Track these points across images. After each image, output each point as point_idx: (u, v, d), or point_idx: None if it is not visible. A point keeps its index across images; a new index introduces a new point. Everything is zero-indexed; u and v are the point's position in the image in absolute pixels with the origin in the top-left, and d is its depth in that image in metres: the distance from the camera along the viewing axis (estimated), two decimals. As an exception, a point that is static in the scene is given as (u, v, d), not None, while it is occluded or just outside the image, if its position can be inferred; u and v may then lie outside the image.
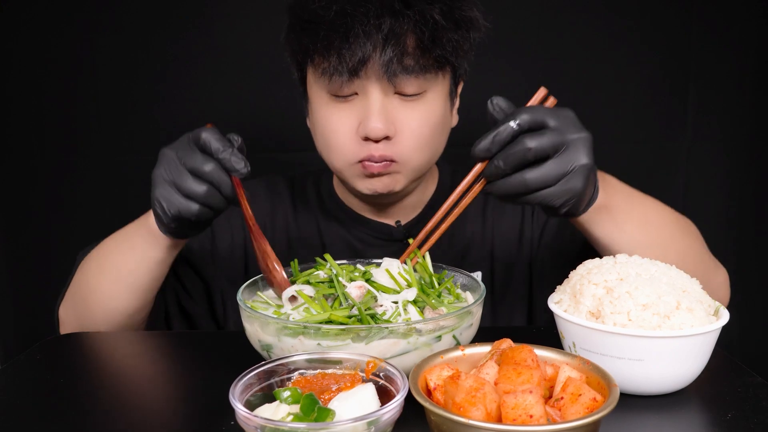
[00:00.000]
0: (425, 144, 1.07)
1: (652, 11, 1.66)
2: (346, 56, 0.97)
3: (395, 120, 1.03)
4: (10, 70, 1.65)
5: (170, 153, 0.91)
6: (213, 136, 0.89)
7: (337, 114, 1.05)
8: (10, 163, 1.70)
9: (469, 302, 0.85)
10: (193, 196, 0.89)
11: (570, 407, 0.57)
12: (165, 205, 0.90)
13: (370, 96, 1.02)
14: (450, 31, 1.01)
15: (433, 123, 1.06)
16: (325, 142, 1.08)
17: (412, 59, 1.00)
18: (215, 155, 0.88)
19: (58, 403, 0.75)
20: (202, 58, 1.64)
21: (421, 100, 1.05)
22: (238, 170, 0.88)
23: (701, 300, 0.74)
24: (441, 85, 1.07)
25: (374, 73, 1.00)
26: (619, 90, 1.70)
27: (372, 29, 0.97)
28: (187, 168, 0.89)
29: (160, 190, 0.90)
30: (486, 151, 0.83)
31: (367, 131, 1.01)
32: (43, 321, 1.78)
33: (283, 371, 0.66)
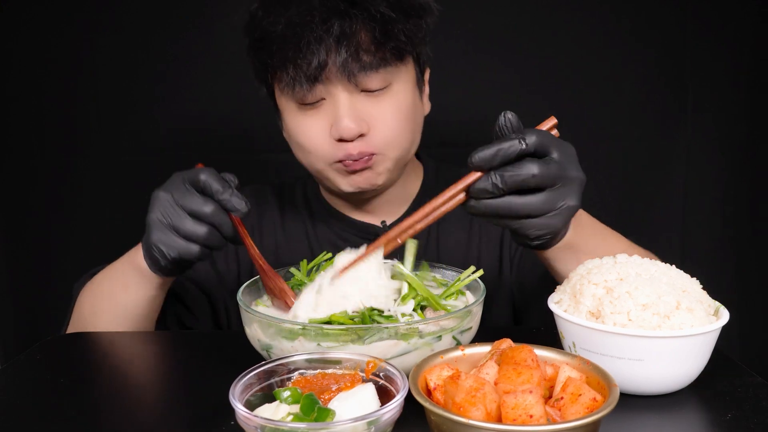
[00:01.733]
0: (400, 135, 1.07)
1: (647, 10, 1.66)
2: (302, 65, 0.99)
3: (366, 117, 1.04)
4: (10, 70, 1.65)
5: (165, 196, 0.90)
6: (212, 177, 0.89)
7: (307, 121, 1.06)
8: (10, 163, 1.70)
9: (469, 302, 0.85)
10: (194, 239, 0.89)
11: (570, 407, 0.57)
12: (164, 249, 0.91)
13: (337, 98, 1.03)
14: (400, 22, 1.01)
15: (404, 113, 1.07)
16: (301, 149, 1.09)
17: (369, 55, 1.00)
18: (215, 196, 0.88)
19: (58, 403, 0.75)
20: (202, 58, 1.64)
21: (387, 94, 1.05)
22: (239, 210, 0.88)
23: (701, 300, 0.74)
24: (405, 74, 1.08)
25: (334, 75, 1.00)
26: (616, 89, 1.70)
27: (322, 34, 0.98)
28: (186, 210, 0.89)
29: (158, 234, 0.90)
30: (486, 162, 0.78)
31: (340, 132, 1.02)
32: (43, 321, 1.79)
33: (283, 371, 0.66)
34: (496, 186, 0.78)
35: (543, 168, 0.78)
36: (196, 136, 1.69)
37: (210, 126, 1.69)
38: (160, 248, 0.91)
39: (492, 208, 0.80)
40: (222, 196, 0.88)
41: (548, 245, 0.89)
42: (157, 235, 0.90)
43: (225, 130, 1.69)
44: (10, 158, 1.70)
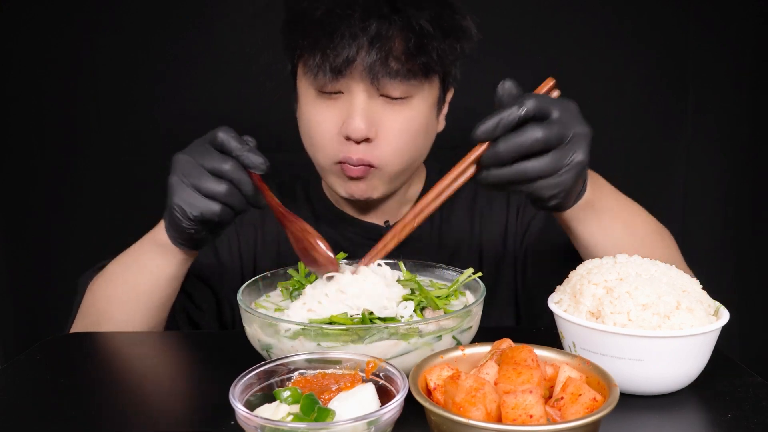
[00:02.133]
0: (404, 149, 1.06)
1: (649, 11, 1.66)
2: (330, 56, 0.98)
3: (377, 122, 1.03)
4: (10, 70, 1.65)
5: (184, 157, 0.90)
6: (230, 135, 0.89)
7: (321, 110, 1.05)
8: (10, 163, 1.70)
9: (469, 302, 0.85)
10: (214, 196, 0.88)
11: (570, 407, 0.57)
12: (186, 209, 0.89)
13: (354, 96, 1.02)
14: (437, 40, 1.01)
15: (415, 128, 1.06)
16: (308, 138, 1.09)
17: (398, 63, 1.00)
18: (233, 153, 0.88)
19: (58, 403, 0.75)
20: (202, 58, 1.64)
21: (406, 105, 1.05)
22: (257, 165, 0.87)
23: (701, 300, 0.74)
24: (428, 91, 1.07)
25: (359, 74, 1.00)
26: (618, 89, 1.70)
27: (358, 31, 0.97)
28: (206, 168, 0.88)
29: (180, 194, 0.89)
30: (489, 133, 0.80)
31: (349, 131, 1.02)
32: (43, 321, 1.79)
33: (283, 371, 0.66)
34: (502, 155, 0.79)
35: (545, 130, 0.79)
36: (196, 136, 1.68)
37: (210, 126, 1.68)
38: (182, 207, 0.89)
39: (503, 176, 0.81)
40: (239, 152, 0.88)
41: (565, 204, 0.89)
42: (179, 194, 0.89)
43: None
44: (10, 158, 1.70)
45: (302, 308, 0.77)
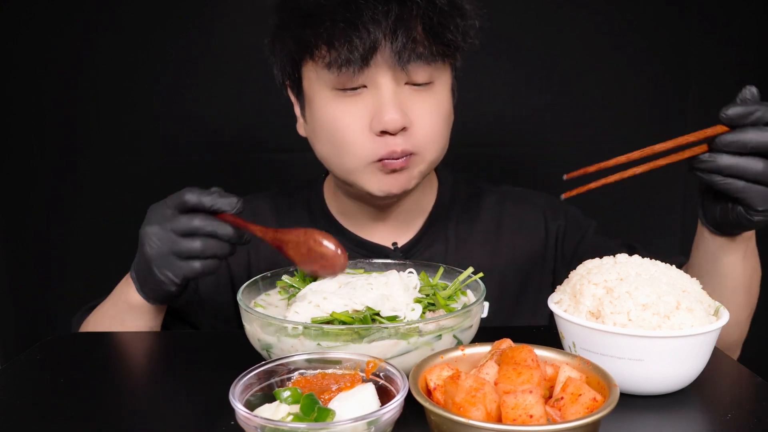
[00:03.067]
0: (439, 134, 1.04)
1: (652, 9, 1.66)
2: (356, 43, 0.93)
3: (408, 110, 0.99)
4: (10, 70, 1.65)
5: (152, 229, 0.92)
6: (197, 194, 0.89)
7: (346, 108, 1.00)
8: (10, 163, 1.70)
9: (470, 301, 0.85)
10: (193, 255, 0.90)
11: (570, 407, 0.57)
12: (171, 276, 0.92)
13: (382, 86, 0.98)
14: (456, 17, 0.99)
15: (444, 113, 1.04)
16: (335, 143, 1.02)
17: (422, 46, 0.97)
18: (207, 208, 0.89)
19: (58, 403, 0.75)
20: (202, 58, 1.64)
21: (431, 90, 1.02)
22: (230, 210, 0.88)
23: (701, 300, 0.74)
24: (446, 77, 1.05)
25: (385, 61, 0.96)
26: (620, 88, 1.70)
27: (380, 16, 0.93)
28: (178, 233, 0.89)
29: (160, 263, 0.92)
30: (739, 118, 0.81)
31: (384, 124, 0.97)
32: (43, 321, 1.79)
33: (283, 371, 0.66)
34: (748, 141, 0.80)
35: None
36: (196, 136, 1.69)
37: (210, 126, 1.69)
38: (167, 275, 0.92)
39: (732, 163, 0.81)
40: (212, 203, 0.88)
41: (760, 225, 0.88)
42: (159, 263, 0.92)
43: (225, 130, 1.69)
44: (10, 158, 1.70)
45: (309, 305, 0.78)
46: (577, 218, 1.23)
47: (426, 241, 1.17)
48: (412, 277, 0.88)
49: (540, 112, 1.71)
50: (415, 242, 1.17)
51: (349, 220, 1.19)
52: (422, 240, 1.17)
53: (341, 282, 0.83)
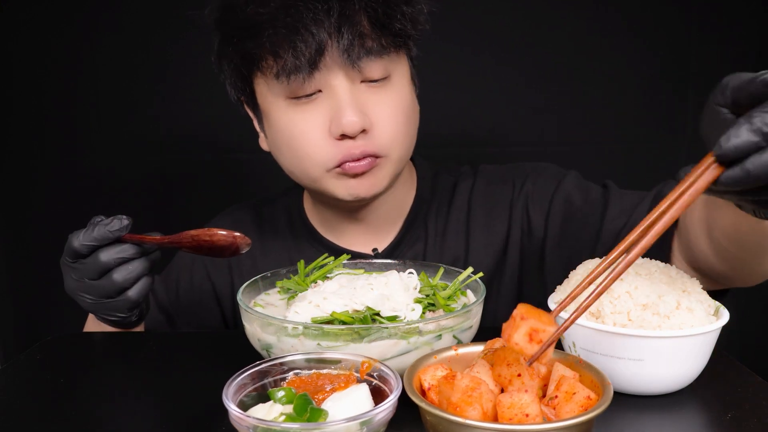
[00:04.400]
0: (402, 132, 1.00)
1: (652, 9, 1.66)
2: (301, 48, 0.90)
3: (367, 110, 0.96)
4: (10, 70, 1.66)
5: (71, 287, 0.94)
6: (81, 237, 0.89)
7: (301, 117, 0.97)
8: (10, 163, 1.70)
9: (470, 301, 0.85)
10: (121, 288, 0.91)
11: (564, 405, 0.57)
12: (117, 314, 0.94)
13: (337, 88, 0.95)
14: (402, 5, 0.95)
15: (405, 108, 1.00)
16: (293, 153, 1.00)
17: (370, 40, 0.93)
18: (98, 242, 0.88)
19: (58, 403, 0.75)
20: (202, 58, 1.63)
21: (388, 85, 0.98)
22: (119, 230, 0.88)
23: (701, 300, 0.73)
24: (402, 67, 1.01)
25: (335, 62, 0.93)
26: (619, 88, 1.70)
27: (322, 15, 0.90)
28: (93, 278, 0.91)
29: (101, 311, 0.94)
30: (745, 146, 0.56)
31: (343, 127, 0.94)
32: (43, 321, 1.79)
33: (277, 371, 0.66)
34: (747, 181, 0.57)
35: None
36: (196, 136, 1.69)
37: (210, 126, 1.69)
38: (109, 318, 0.95)
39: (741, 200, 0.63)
40: (102, 236, 0.88)
41: None
42: (99, 313, 0.95)
43: (225, 130, 1.69)
44: (10, 158, 1.70)
45: (309, 305, 0.78)
46: (550, 172, 1.16)
47: (407, 242, 1.14)
48: (412, 278, 0.88)
49: (539, 112, 1.70)
50: (396, 245, 1.14)
51: (328, 228, 1.16)
52: (403, 241, 1.14)
53: (341, 282, 0.83)
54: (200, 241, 0.88)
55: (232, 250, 0.88)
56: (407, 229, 1.15)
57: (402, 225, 1.15)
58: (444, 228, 1.15)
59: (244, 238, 0.87)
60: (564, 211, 1.10)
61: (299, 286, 0.88)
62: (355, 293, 0.79)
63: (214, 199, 1.62)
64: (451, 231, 1.15)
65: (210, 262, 1.18)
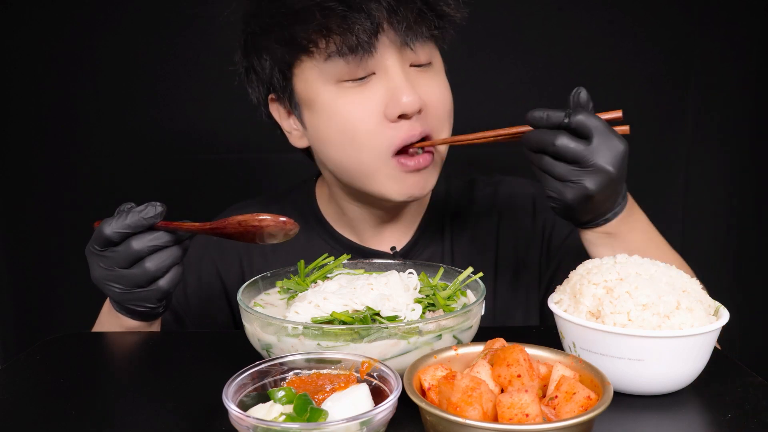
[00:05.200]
0: (449, 116, 1.03)
1: (653, 8, 1.66)
2: (359, 27, 0.90)
3: (419, 92, 0.96)
4: (10, 70, 1.65)
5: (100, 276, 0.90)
6: (112, 223, 0.87)
7: (356, 100, 0.96)
8: (10, 163, 1.70)
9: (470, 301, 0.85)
10: (152, 278, 0.88)
11: (564, 405, 0.57)
12: (146, 304, 0.92)
13: (391, 69, 0.95)
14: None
15: (449, 93, 1.03)
16: (349, 141, 0.97)
17: (419, 25, 0.94)
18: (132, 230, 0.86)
19: (58, 403, 0.75)
20: (202, 59, 1.64)
21: (432, 71, 1.01)
22: (154, 217, 0.86)
23: (701, 300, 0.73)
24: (439, 58, 1.04)
25: (392, 42, 0.94)
26: (620, 88, 1.69)
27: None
28: (125, 266, 0.88)
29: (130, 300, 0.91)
30: (535, 121, 0.88)
31: (403, 106, 0.93)
32: (43, 321, 1.79)
33: (277, 371, 0.66)
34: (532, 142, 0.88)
35: (567, 144, 0.84)
36: (196, 136, 1.69)
37: (210, 126, 1.69)
38: (137, 309, 0.93)
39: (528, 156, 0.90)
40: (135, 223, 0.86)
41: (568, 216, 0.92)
42: (129, 301, 0.91)
43: (226, 130, 1.69)
44: (10, 158, 1.70)
45: (309, 305, 0.78)
46: None
47: (423, 242, 1.16)
48: (412, 278, 0.88)
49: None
50: (413, 244, 1.15)
51: (346, 225, 1.16)
52: (420, 241, 1.16)
53: (341, 282, 0.83)
54: (247, 227, 0.84)
55: (278, 236, 0.85)
56: (424, 229, 1.16)
57: (419, 225, 1.17)
58: (462, 232, 1.17)
59: (294, 224, 0.84)
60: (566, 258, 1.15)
61: (299, 286, 0.87)
62: (355, 293, 0.79)
63: (215, 199, 1.62)
64: (470, 236, 1.17)
65: (219, 260, 1.17)
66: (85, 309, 1.11)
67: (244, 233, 0.85)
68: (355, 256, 1.10)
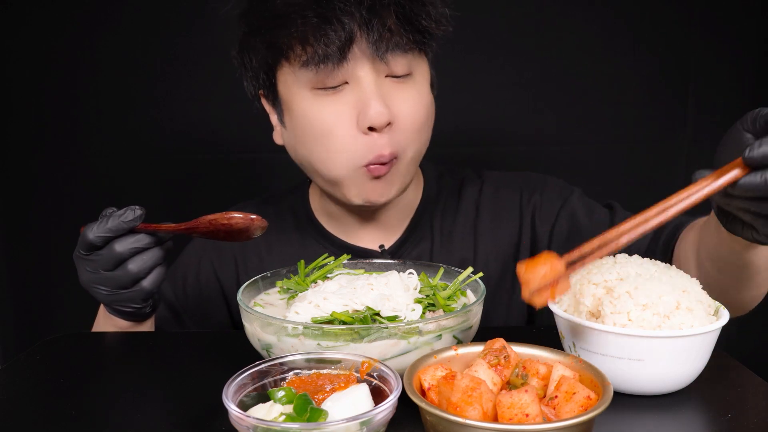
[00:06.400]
0: (421, 129, 1.01)
1: (651, 10, 1.66)
2: (332, 37, 0.91)
3: (391, 104, 0.96)
4: (11, 70, 1.65)
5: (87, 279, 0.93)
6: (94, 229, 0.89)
7: (329, 107, 0.97)
8: (10, 163, 1.70)
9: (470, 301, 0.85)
10: (135, 278, 0.91)
11: (564, 405, 0.57)
12: (132, 305, 0.95)
13: (363, 80, 0.95)
14: (427, 5, 0.96)
15: (425, 106, 1.02)
16: (322, 147, 0.99)
17: (397, 36, 0.95)
18: (113, 233, 0.88)
19: (58, 403, 0.75)
20: (202, 59, 1.64)
21: (410, 82, 1.00)
22: (133, 220, 0.89)
23: (701, 300, 0.73)
24: (423, 67, 1.03)
25: (363, 53, 0.94)
26: (619, 90, 1.70)
27: (353, 8, 0.91)
28: (109, 269, 0.91)
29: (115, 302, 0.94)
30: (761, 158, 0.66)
31: (371, 118, 0.94)
32: (43, 321, 1.79)
33: (277, 371, 0.66)
34: None
35: None
36: (196, 136, 1.69)
37: (211, 126, 1.69)
38: (124, 310, 0.96)
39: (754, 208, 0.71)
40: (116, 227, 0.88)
41: None
42: (116, 303, 0.95)
43: (226, 130, 1.69)
44: (10, 158, 1.70)
45: (309, 305, 0.78)
46: (558, 187, 1.19)
47: (413, 240, 1.16)
48: (412, 278, 0.88)
49: (539, 112, 1.71)
50: (402, 242, 1.15)
51: (336, 225, 1.17)
52: (409, 239, 1.15)
53: (341, 282, 0.83)
54: (218, 225, 0.87)
55: (248, 233, 0.88)
56: (413, 227, 1.16)
57: (408, 224, 1.17)
58: (451, 230, 1.17)
59: (261, 221, 0.87)
60: (569, 228, 1.13)
61: (299, 286, 0.88)
62: (355, 293, 0.79)
63: (215, 199, 1.62)
64: (457, 233, 1.17)
65: (217, 260, 1.18)
66: (85, 309, 1.11)
67: (216, 231, 0.88)
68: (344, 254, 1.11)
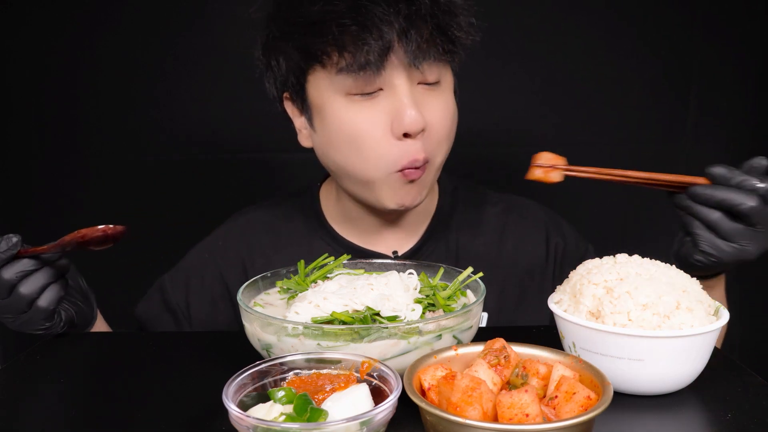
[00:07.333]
0: (449, 136, 1.03)
1: (654, 12, 1.66)
2: (372, 45, 0.92)
3: (423, 111, 0.98)
4: (10, 70, 1.65)
5: None
6: None
7: (364, 114, 0.98)
8: (10, 163, 1.70)
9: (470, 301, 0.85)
10: (28, 301, 0.91)
11: (564, 405, 0.57)
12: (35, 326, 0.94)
13: (399, 87, 0.97)
14: (458, 16, 0.98)
15: (452, 113, 1.04)
16: (357, 152, 1.00)
17: (432, 45, 0.96)
18: None
19: (58, 403, 0.75)
20: (202, 58, 1.64)
21: (439, 89, 1.01)
22: (10, 249, 0.91)
23: (701, 300, 0.73)
24: (449, 76, 1.05)
25: (401, 61, 0.95)
26: (621, 91, 1.69)
27: (391, 17, 0.92)
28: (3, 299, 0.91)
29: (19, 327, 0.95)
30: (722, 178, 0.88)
31: (405, 125, 0.96)
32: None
33: (277, 371, 0.66)
34: (713, 197, 0.87)
35: (759, 206, 0.84)
36: (197, 136, 1.69)
37: (211, 126, 1.69)
38: (34, 327, 0.95)
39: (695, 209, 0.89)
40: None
41: (707, 270, 0.93)
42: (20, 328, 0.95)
43: (226, 130, 1.69)
44: (10, 158, 1.70)
45: (309, 305, 0.78)
46: (576, 240, 1.23)
47: (427, 250, 1.16)
48: (412, 278, 0.88)
49: (541, 113, 1.70)
50: (416, 250, 1.16)
51: (350, 228, 1.17)
52: (423, 248, 1.16)
53: (341, 282, 0.83)
54: (78, 239, 0.90)
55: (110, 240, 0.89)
56: (428, 237, 1.17)
57: (424, 232, 1.17)
58: (468, 248, 1.18)
59: (115, 227, 0.88)
60: None
61: (299, 286, 0.88)
62: (355, 293, 0.79)
63: (216, 200, 1.62)
64: (476, 254, 1.17)
65: (223, 265, 1.18)
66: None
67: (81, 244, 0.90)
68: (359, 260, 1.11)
